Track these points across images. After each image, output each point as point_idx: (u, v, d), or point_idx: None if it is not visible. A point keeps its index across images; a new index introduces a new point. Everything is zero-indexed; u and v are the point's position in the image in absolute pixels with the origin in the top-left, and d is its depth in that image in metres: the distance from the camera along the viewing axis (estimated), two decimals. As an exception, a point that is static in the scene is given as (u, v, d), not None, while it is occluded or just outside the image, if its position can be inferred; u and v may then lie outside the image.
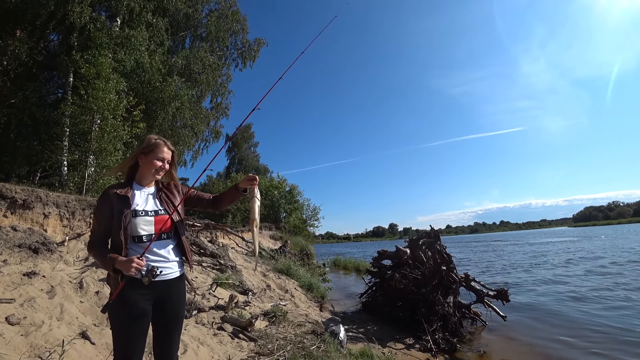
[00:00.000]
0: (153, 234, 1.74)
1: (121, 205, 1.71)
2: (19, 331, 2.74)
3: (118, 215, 1.68)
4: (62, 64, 10.98)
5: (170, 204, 1.89)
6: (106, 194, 1.74)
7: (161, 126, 12.24)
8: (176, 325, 1.85)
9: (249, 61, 16.91)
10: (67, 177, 8.31)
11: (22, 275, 3.49)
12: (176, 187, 2.01)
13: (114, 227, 1.69)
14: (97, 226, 1.74)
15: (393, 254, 8.53)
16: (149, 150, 1.85)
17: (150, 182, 1.92)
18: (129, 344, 1.65)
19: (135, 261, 1.57)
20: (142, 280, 1.60)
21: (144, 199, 1.83)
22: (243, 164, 38.42)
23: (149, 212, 1.78)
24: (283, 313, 5.39)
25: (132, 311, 1.64)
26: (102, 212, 1.72)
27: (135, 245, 1.70)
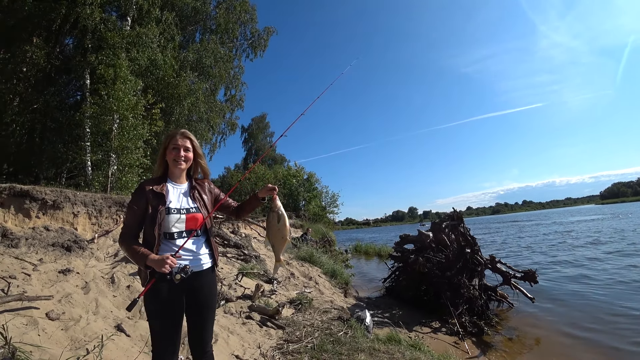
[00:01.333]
0: (184, 230, 1.78)
1: (156, 202, 1.74)
2: (59, 326, 2.86)
3: (153, 212, 1.72)
4: (78, 66, 11.19)
5: (202, 203, 1.92)
6: (142, 189, 1.77)
7: (178, 121, 12.36)
8: (209, 315, 1.89)
9: (259, 51, 16.83)
10: (92, 177, 8.58)
11: (58, 273, 3.64)
12: (209, 186, 2.04)
13: (147, 222, 1.73)
14: (131, 220, 1.76)
15: (415, 238, 8.45)
16: (167, 144, 1.89)
17: (182, 178, 1.94)
18: (165, 335, 1.71)
19: (169, 260, 1.60)
20: (174, 278, 1.63)
21: (177, 196, 1.86)
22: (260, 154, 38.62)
23: (182, 209, 1.81)
24: (308, 300, 5.45)
25: (166, 304, 1.68)
26: (137, 207, 1.74)
27: (166, 241, 1.74)
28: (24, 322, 2.75)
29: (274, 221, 2.01)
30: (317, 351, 3.47)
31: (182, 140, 1.88)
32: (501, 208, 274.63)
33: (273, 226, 2.02)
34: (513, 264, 7.78)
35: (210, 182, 2.09)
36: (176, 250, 1.71)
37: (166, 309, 1.68)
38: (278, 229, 2.01)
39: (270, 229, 2.05)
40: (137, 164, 8.75)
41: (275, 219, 2.01)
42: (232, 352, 3.28)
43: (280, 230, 2.01)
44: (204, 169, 2.05)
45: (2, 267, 3.39)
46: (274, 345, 3.64)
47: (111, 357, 2.64)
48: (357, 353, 3.50)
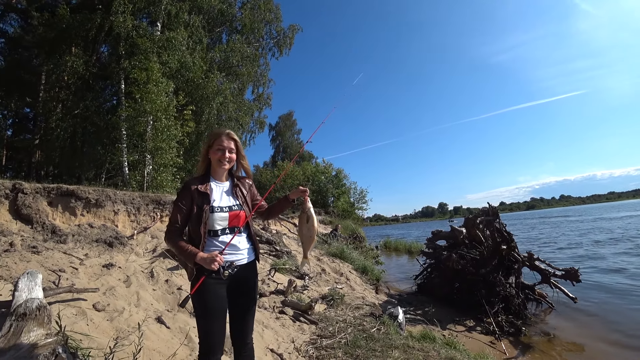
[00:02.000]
0: (227, 227, 1.85)
1: (201, 201, 1.80)
2: (105, 316, 3.01)
3: (198, 211, 1.78)
4: (114, 72, 11.80)
5: (244, 200, 1.98)
6: (187, 188, 1.83)
7: (207, 121, 12.69)
8: (250, 307, 1.94)
9: (285, 49, 16.97)
10: (129, 177, 9.02)
11: (102, 267, 3.84)
12: (249, 183, 2.10)
13: (192, 220, 1.80)
14: (177, 218, 1.81)
15: (448, 234, 8.23)
16: (211, 144, 1.93)
17: (224, 176, 1.99)
18: (212, 327, 1.76)
19: (217, 258, 1.66)
20: (222, 275, 1.71)
21: (220, 194, 1.91)
22: (288, 151, 39.09)
23: (224, 207, 1.87)
24: (340, 296, 5.45)
25: (213, 300, 1.75)
26: (183, 205, 1.80)
27: (210, 238, 1.81)
28: (74, 312, 2.92)
29: (304, 220, 2.13)
30: (351, 347, 3.45)
31: (227, 141, 1.92)
32: (536, 203, 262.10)
33: (303, 225, 2.15)
34: (552, 261, 7.36)
35: (250, 180, 2.13)
36: (220, 246, 1.78)
37: (214, 305, 1.75)
38: (307, 228, 2.13)
39: (301, 228, 2.18)
40: (171, 163, 9.09)
41: (304, 219, 2.12)
42: (266, 346, 3.33)
43: (309, 229, 2.12)
44: (246, 169, 2.10)
45: (52, 261, 3.62)
46: (307, 340, 3.66)
47: (153, 347, 2.75)
48: (391, 350, 3.45)
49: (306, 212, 2.09)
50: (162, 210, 5.69)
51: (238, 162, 2.02)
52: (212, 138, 1.94)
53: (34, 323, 2.36)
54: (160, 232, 5.35)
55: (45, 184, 4.66)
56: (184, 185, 1.88)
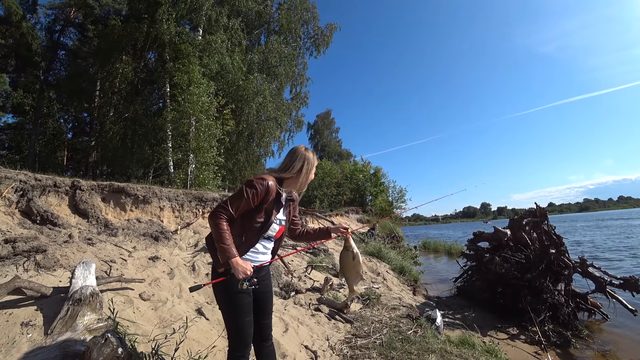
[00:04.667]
0: (273, 236, 1.91)
1: (271, 209, 1.81)
2: (150, 306, 3.19)
3: (267, 215, 1.80)
4: (160, 76, 12.51)
5: (289, 217, 2.01)
6: (268, 187, 1.75)
7: (247, 121, 13.08)
8: (270, 301, 2.01)
9: (322, 47, 17.03)
10: (174, 175, 9.54)
11: (148, 259, 4.07)
12: (296, 203, 2.08)
13: (252, 220, 1.77)
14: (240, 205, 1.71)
15: (491, 235, 7.83)
16: (310, 167, 1.94)
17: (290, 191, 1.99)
18: (241, 322, 1.78)
19: (248, 272, 1.68)
20: (241, 286, 1.69)
21: (282, 206, 1.94)
22: (326, 150, 39.22)
23: (281, 220, 1.93)
24: (377, 296, 5.37)
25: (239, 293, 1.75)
26: (255, 199, 1.73)
27: (259, 244, 1.86)
28: (122, 301, 3.12)
29: (349, 259, 2.13)
30: (386, 348, 3.38)
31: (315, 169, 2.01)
32: (591, 204, 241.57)
33: (348, 263, 2.15)
34: (609, 269, 6.75)
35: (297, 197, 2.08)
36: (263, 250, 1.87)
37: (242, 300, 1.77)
38: (353, 265, 2.14)
39: (345, 266, 2.17)
40: (213, 162, 9.47)
41: (350, 257, 2.13)
42: (301, 342, 3.35)
43: (355, 266, 2.14)
44: None
45: (105, 252, 3.90)
46: (342, 339, 3.64)
47: (193, 337, 2.86)
48: (427, 354, 3.33)
49: (351, 251, 2.11)
50: (204, 207, 5.94)
51: None
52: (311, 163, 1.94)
53: (87, 308, 2.55)
54: (202, 228, 5.58)
55: (99, 182, 5.04)
56: (265, 182, 1.74)
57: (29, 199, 4.12)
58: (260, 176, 1.77)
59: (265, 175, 1.80)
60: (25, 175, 4.18)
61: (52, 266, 3.37)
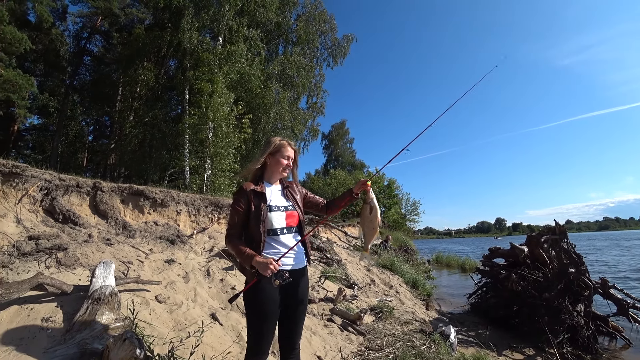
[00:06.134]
0: (285, 227, 1.90)
1: (258, 201, 1.87)
2: (165, 308, 3.21)
3: (256, 210, 1.84)
4: (179, 83, 12.82)
5: (295, 201, 2.03)
6: (243, 191, 1.88)
7: (264, 129, 13.28)
8: (301, 312, 1.95)
9: (339, 58, 17.22)
10: (190, 180, 9.69)
11: (164, 262, 4.11)
12: (297, 187, 2.15)
13: (251, 220, 1.85)
14: (236, 220, 1.87)
15: (507, 252, 7.64)
16: (275, 151, 2.01)
17: (276, 180, 2.07)
18: (262, 329, 1.78)
19: (272, 265, 1.68)
20: (273, 282, 1.72)
21: (275, 195, 1.99)
22: (340, 160, 39.28)
23: (281, 207, 1.93)
24: (389, 309, 5.28)
25: (266, 303, 1.77)
26: (240, 207, 1.86)
27: (269, 237, 1.85)
28: (139, 302, 3.14)
29: (367, 212, 2.08)
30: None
31: (291, 151, 2.03)
32: (611, 223, 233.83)
33: (366, 217, 2.09)
34: (632, 291, 6.48)
35: (297, 183, 2.20)
36: (279, 247, 1.84)
37: (266, 307, 1.77)
38: (370, 219, 2.08)
39: (364, 220, 2.12)
40: (229, 168, 9.62)
41: (367, 210, 2.07)
42: (314, 352, 3.31)
43: (372, 221, 2.07)
44: (296, 178, 2.19)
45: (122, 253, 3.95)
46: (354, 351, 3.58)
47: (207, 342, 2.86)
48: (442, 370, 3.25)
49: (369, 203, 2.06)
50: (219, 212, 5.98)
51: (292, 170, 2.11)
52: (277, 147, 2.01)
53: (106, 307, 2.58)
54: (217, 233, 5.62)
55: (119, 184, 5.14)
56: (239, 188, 1.93)
57: (52, 198, 4.23)
58: None
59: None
60: (50, 175, 4.30)
61: (72, 264, 3.44)
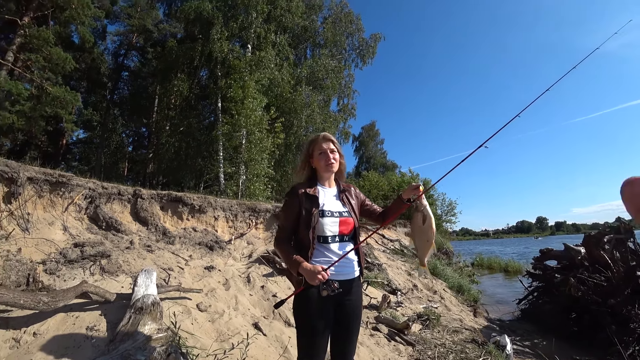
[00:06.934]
0: (337, 234, 1.71)
1: (310, 204, 1.70)
2: (207, 317, 3.09)
3: (307, 214, 1.68)
4: (212, 92, 13.12)
5: (351, 207, 1.84)
6: (295, 193, 1.74)
7: (296, 133, 13.29)
8: (355, 326, 1.76)
9: (368, 58, 16.98)
10: (225, 186, 9.80)
11: (204, 269, 4.04)
12: (354, 191, 1.97)
13: (301, 226, 1.69)
14: (285, 223, 1.76)
15: (561, 253, 7.02)
16: (311, 151, 1.86)
17: (331, 182, 1.90)
18: (312, 344, 1.63)
19: (320, 274, 1.52)
20: (321, 292, 1.55)
21: (329, 199, 1.80)
22: (371, 162, 38.89)
23: (335, 212, 1.74)
24: (436, 316, 4.94)
25: (314, 312, 1.62)
26: (291, 210, 1.73)
27: (320, 245, 1.68)
28: (180, 311, 3.05)
29: (419, 221, 1.79)
30: (457, 378, 2.98)
31: (326, 144, 1.83)
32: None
33: (418, 227, 1.81)
34: None
35: (355, 187, 2.00)
36: (330, 256, 1.66)
37: (315, 321, 1.62)
38: (423, 230, 1.79)
39: (415, 230, 1.84)
40: (263, 173, 9.62)
41: (420, 219, 1.79)
42: (363, 365, 3.07)
43: (425, 232, 1.79)
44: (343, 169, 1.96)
45: (163, 260, 3.91)
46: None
47: (251, 354, 2.70)
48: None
49: (421, 211, 1.78)
50: (257, 217, 5.91)
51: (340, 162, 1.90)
52: (311, 145, 1.86)
53: (148, 317, 2.50)
54: (255, 239, 5.54)
55: (158, 191, 5.18)
56: (291, 189, 1.79)
57: (96, 206, 4.29)
58: None
59: None
60: (93, 184, 4.37)
61: (115, 271, 3.43)
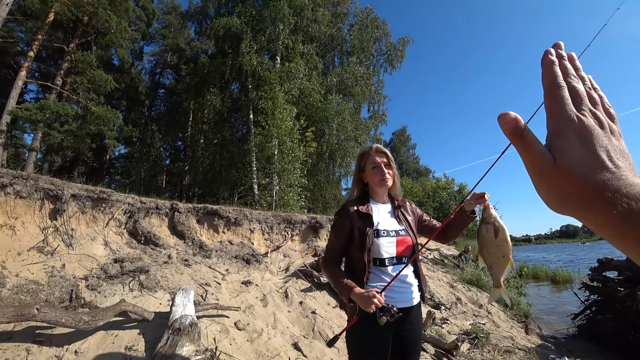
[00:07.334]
0: (395, 256, 1.51)
1: (363, 224, 1.53)
2: (245, 337, 2.95)
3: (360, 235, 1.51)
4: (244, 105, 13.39)
5: (408, 224, 1.63)
6: (346, 211, 1.58)
7: (328, 142, 13.22)
8: (415, 356, 1.57)
9: (397, 62, 16.64)
10: (259, 196, 9.85)
11: (241, 284, 3.93)
12: (410, 206, 1.77)
13: (354, 247, 1.53)
14: (334, 243, 1.61)
15: (623, 263, 6.30)
16: (363, 164, 1.68)
17: (384, 197, 1.71)
18: None
19: (376, 298, 1.32)
20: (379, 320, 1.33)
21: (384, 217, 1.61)
22: (404, 167, 38.36)
23: (391, 231, 1.55)
24: (485, 334, 4.52)
25: (370, 344, 1.44)
26: (341, 230, 1.57)
27: (376, 268, 1.49)
28: (218, 329, 2.94)
29: (490, 235, 1.44)
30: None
31: (379, 157, 1.65)
32: None
33: (489, 242, 1.45)
34: None
35: (411, 201, 1.80)
36: (387, 280, 1.44)
37: (371, 354, 1.43)
38: (497, 245, 1.43)
39: (486, 246, 1.47)
40: (297, 183, 9.57)
41: (490, 232, 1.44)
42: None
43: (500, 246, 1.43)
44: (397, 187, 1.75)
45: (200, 275, 3.85)
46: (460, 390, 2.97)
47: (292, 378, 2.52)
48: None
49: (492, 223, 1.44)
50: (292, 229, 5.80)
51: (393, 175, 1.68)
52: (362, 158, 1.70)
53: (186, 338, 2.40)
54: (292, 251, 5.40)
55: (194, 204, 5.19)
56: (342, 208, 1.63)
57: (135, 220, 4.34)
58: None
59: None
60: (132, 199, 4.43)
61: (153, 287, 3.39)
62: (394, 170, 1.68)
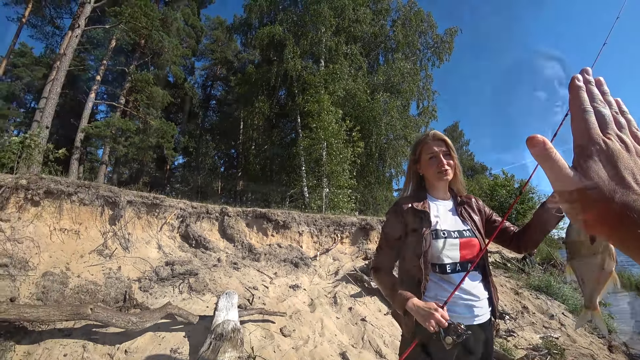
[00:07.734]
0: (458, 262, 1.22)
1: (418, 223, 1.26)
2: (291, 344, 2.81)
3: (415, 236, 1.25)
4: (291, 110, 13.56)
5: (474, 224, 1.33)
6: (398, 209, 1.34)
7: (377, 142, 12.87)
8: None
9: (445, 54, 15.65)
10: (309, 199, 9.84)
11: (288, 287, 3.82)
12: (477, 203, 1.44)
13: (407, 250, 1.27)
14: (385, 247, 1.37)
15: None
16: (419, 154, 1.41)
17: (444, 194, 1.41)
18: None
19: (438, 314, 1.06)
20: (444, 342, 1.05)
21: (444, 214, 1.32)
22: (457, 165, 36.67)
23: (453, 232, 1.26)
24: (559, 350, 3.89)
25: None
26: (393, 231, 1.34)
27: (435, 276, 1.21)
28: (263, 335, 2.83)
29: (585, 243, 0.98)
30: None
31: (437, 145, 1.36)
32: None
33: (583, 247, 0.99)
34: None
35: (477, 198, 1.46)
36: (449, 290, 1.16)
37: None
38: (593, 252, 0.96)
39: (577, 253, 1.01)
40: (346, 185, 9.42)
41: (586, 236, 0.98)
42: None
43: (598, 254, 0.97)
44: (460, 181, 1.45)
45: (248, 278, 3.81)
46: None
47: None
48: None
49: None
50: (342, 231, 5.64)
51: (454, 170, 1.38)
52: (418, 147, 1.42)
53: (228, 344, 2.32)
54: (341, 254, 5.21)
55: (243, 208, 5.25)
56: (394, 205, 1.40)
57: (187, 225, 4.46)
58: None
59: None
60: (184, 204, 4.57)
61: (201, 290, 3.40)
62: (456, 161, 1.38)
